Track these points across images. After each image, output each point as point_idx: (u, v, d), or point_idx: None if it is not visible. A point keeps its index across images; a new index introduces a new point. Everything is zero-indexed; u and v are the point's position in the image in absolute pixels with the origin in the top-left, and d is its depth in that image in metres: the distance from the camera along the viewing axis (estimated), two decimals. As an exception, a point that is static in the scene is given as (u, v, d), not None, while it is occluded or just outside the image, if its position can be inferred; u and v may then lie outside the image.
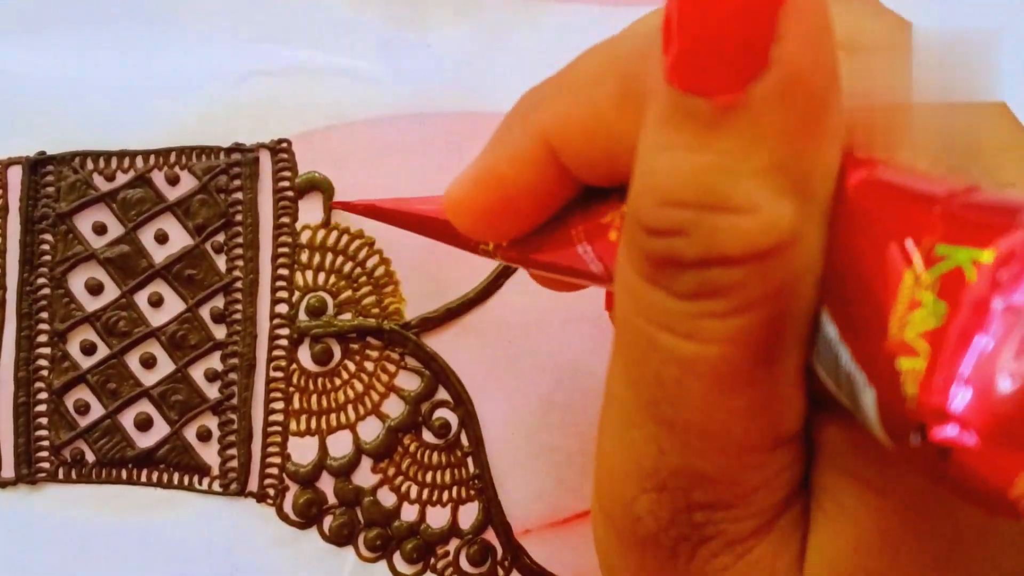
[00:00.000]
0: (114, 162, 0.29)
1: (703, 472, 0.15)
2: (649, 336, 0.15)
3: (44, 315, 0.28)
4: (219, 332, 0.28)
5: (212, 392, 0.28)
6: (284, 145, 0.29)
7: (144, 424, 0.28)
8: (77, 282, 0.28)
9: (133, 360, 0.28)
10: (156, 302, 0.28)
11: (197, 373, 0.28)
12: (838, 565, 0.15)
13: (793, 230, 0.14)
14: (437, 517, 0.28)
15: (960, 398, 0.11)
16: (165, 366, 0.28)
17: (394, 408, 0.29)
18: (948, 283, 0.12)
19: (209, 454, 0.28)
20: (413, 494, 0.28)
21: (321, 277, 0.29)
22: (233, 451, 0.28)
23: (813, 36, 0.13)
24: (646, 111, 0.15)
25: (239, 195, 0.29)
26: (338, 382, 0.29)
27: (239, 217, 0.29)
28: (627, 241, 0.15)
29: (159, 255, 0.29)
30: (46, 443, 0.28)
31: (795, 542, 0.16)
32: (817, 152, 0.14)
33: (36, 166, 0.29)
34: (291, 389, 0.28)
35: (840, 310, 0.14)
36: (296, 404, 0.28)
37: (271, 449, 0.28)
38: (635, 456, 0.16)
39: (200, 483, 0.28)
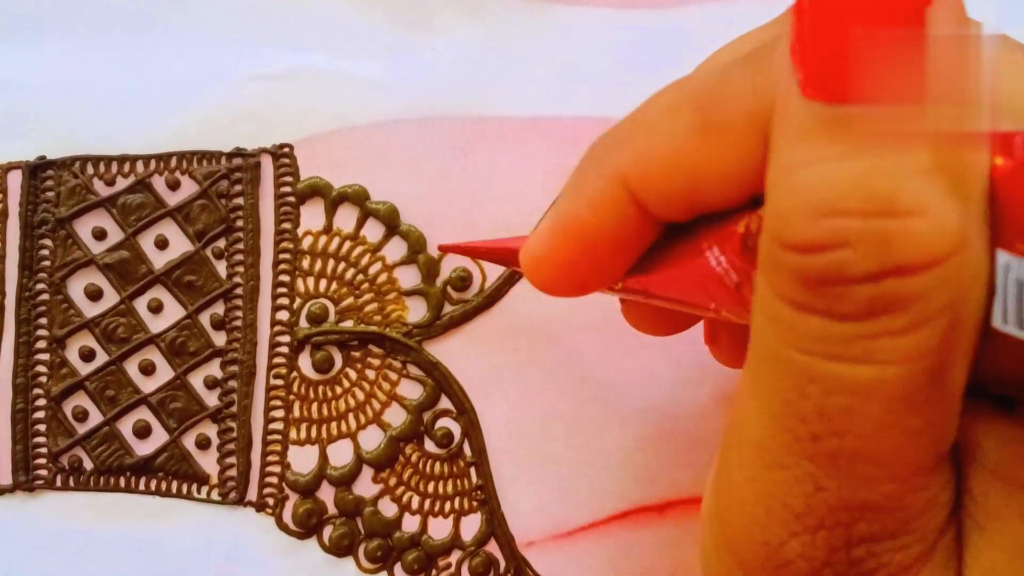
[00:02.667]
0: (114, 167, 0.28)
1: (869, 502, 0.15)
2: (807, 368, 0.14)
3: (43, 321, 0.28)
4: (219, 339, 0.28)
5: (211, 400, 0.28)
6: (286, 150, 0.29)
7: (143, 432, 0.28)
8: (76, 288, 0.28)
9: (132, 367, 0.28)
10: (156, 308, 0.28)
11: (196, 380, 0.28)
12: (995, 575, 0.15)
13: (963, 231, 0.13)
14: (439, 528, 0.28)
15: None
16: (164, 373, 0.28)
17: (396, 417, 0.28)
18: None
19: (208, 462, 0.28)
20: (415, 505, 0.28)
21: (323, 283, 0.28)
22: (232, 460, 0.28)
23: (957, 26, 0.13)
24: (774, 133, 0.14)
25: (240, 200, 0.28)
26: (339, 390, 0.28)
27: (240, 223, 0.28)
28: (770, 267, 0.14)
29: (159, 261, 0.28)
30: (44, 450, 0.28)
31: (955, 562, 0.15)
32: (971, 148, 0.13)
33: (36, 170, 0.28)
34: (291, 397, 0.28)
35: None
36: (296, 412, 0.28)
37: (271, 458, 0.28)
38: (782, 498, 0.15)
39: (199, 492, 0.28)
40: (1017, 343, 0.14)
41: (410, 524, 0.28)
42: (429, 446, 0.28)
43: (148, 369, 0.28)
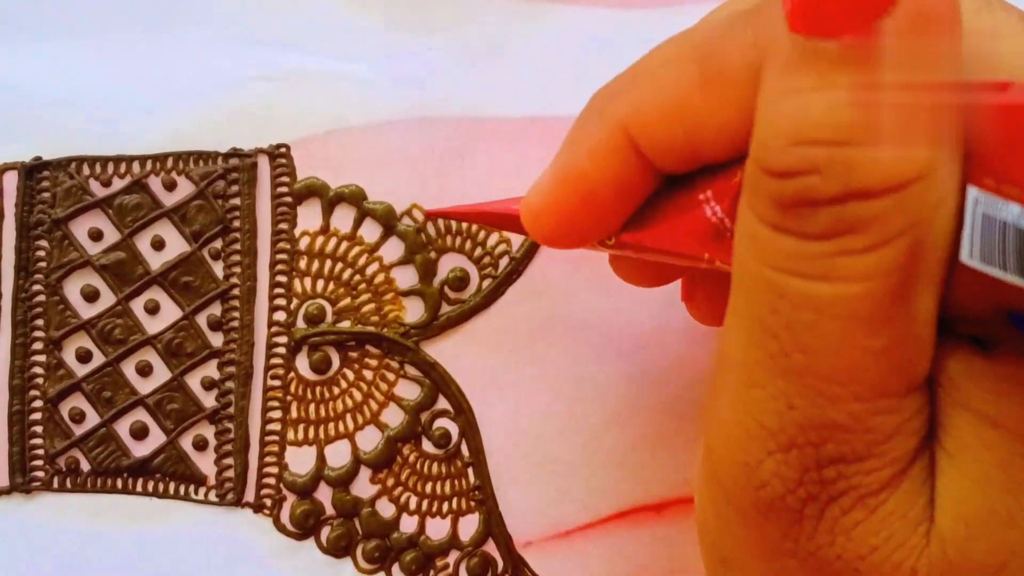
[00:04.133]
0: (110, 167, 0.28)
1: (836, 422, 0.15)
2: (778, 284, 0.15)
3: (39, 322, 0.28)
4: (216, 340, 0.28)
5: (209, 401, 0.28)
6: (283, 150, 0.29)
7: (140, 433, 0.28)
8: (73, 289, 0.28)
9: (129, 368, 0.28)
10: (152, 309, 0.28)
11: (194, 381, 0.28)
12: (964, 504, 0.15)
13: (928, 160, 0.14)
14: (437, 529, 0.28)
15: None
16: (161, 374, 0.28)
17: (393, 417, 0.28)
18: None
19: (205, 464, 0.28)
20: (412, 505, 0.28)
21: (320, 284, 0.28)
22: (230, 461, 0.28)
23: None
24: (765, 63, 0.15)
25: (237, 201, 0.28)
26: (336, 391, 0.28)
27: (237, 223, 0.28)
28: (751, 190, 0.15)
29: (155, 262, 0.28)
30: (41, 452, 0.28)
31: (927, 489, 0.16)
32: (947, 80, 0.14)
33: (32, 171, 0.28)
34: (289, 398, 0.28)
35: None
36: (294, 413, 0.28)
37: (268, 459, 0.28)
38: (758, 417, 0.16)
39: (196, 493, 0.28)
40: (982, 278, 0.14)
41: (408, 524, 0.28)
42: (427, 446, 0.28)
43: (145, 370, 0.28)
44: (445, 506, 0.28)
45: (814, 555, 0.16)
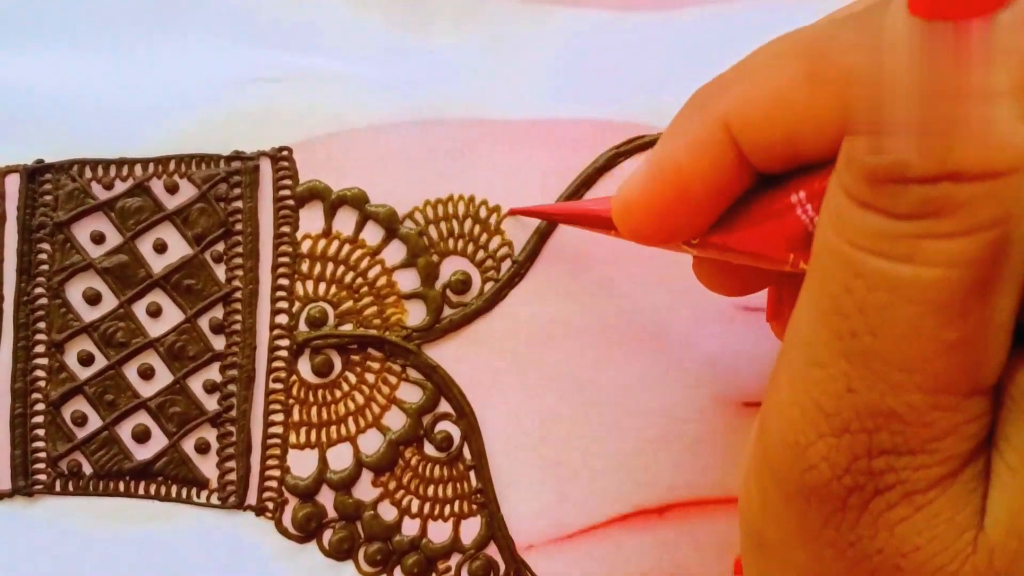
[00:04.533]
0: (112, 170, 0.28)
1: (894, 411, 0.15)
2: (856, 261, 0.15)
3: (41, 325, 0.28)
4: (218, 343, 0.28)
5: (211, 404, 0.28)
6: (285, 153, 0.29)
7: (142, 436, 0.28)
8: (75, 292, 0.28)
9: (131, 371, 0.28)
10: (154, 312, 0.28)
11: (196, 385, 0.28)
12: (1018, 519, 0.15)
13: None
14: (439, 532, 0.28)
15: None
16: (163, 377, 0.28)
17: (395, 421, 0.28)
18: None
19: (208, 467, 0.28)
20: (414, 508, 0.28)
21: (322, 287, 0.28)
22: (232, 464, 0.28)
23: None
24: (878, 45, 0.15)
25: (239, 204, 0.28)
26: (338, 394, 0.28)
27: (239, 226, 0.28)
28: (843, 165, 0.15)
29: (158, 265, 0.28)
30: (43, 455, 0.28)
31: (977, 497, 0.15)
32: None
33: (34, 174, 0.28)
34: (291, 401, 0.28)
35: None
36: (296, 416, 0.28)
37: (270, 462, 0.28)
38: (816, 397, 0.16)
39: (198, 496, 0.28)
40: None
41: (410, 528, 0.28)
42: (429, 449, 0.28)
43: (147, 373, 0.28)
44: (447, 509, 0.28)
45: (854, 546, 0.16)
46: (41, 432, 0.28)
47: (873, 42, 0.15)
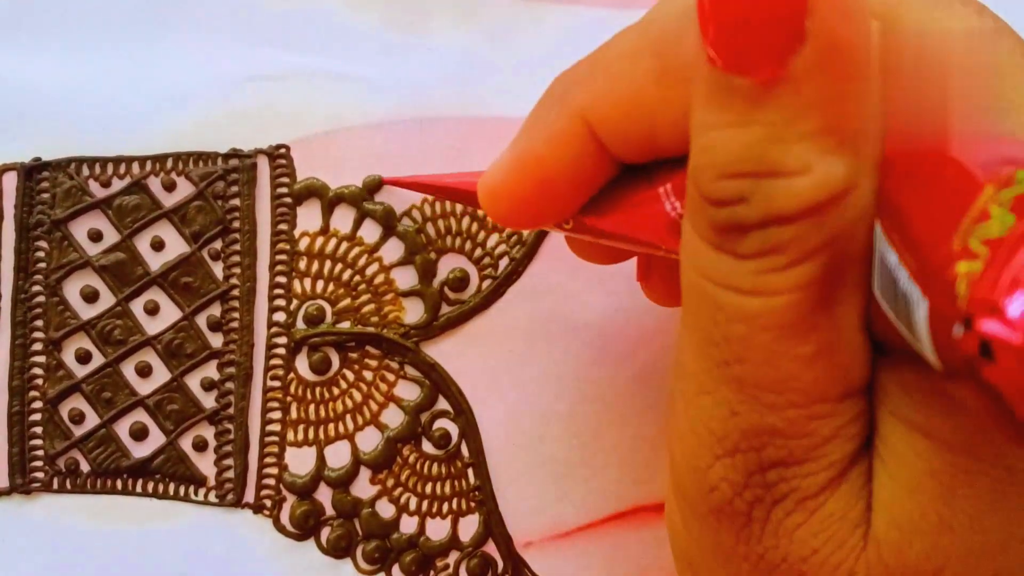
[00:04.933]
0: (110, 168, 0.28)
1: (775, 427, 0.16)
2: (716, 298, 0.16)
3: (39, 323, 0.28)
4: (216, 341, 0.28)
5: (208, 402, 0.28)
6: (282, 151, 0.29)
7: (139, 434, 0.28)
8: (72, 290, 0.28)
9: (128, 369, 0.28)
10: (152, 310, 0.28)
11: (193, 382, 0.28)
12: (896, 509, 0.16)
13: (846, 182, 0.15)
14: (437, 529, 0.28)
15: (1012, 299, 0.11)
16: (161, 375, 0.28)
17: (393, 418, 0.28)
18: (1021, 202, 0.12)
19: (205, 464, 0.28)
20: (412, 506, 0.28)
21: (319, 285, 0.28)
22: (229, 461, 0.28)
23: (844, 5, 0.14)
24: (692, 92, 0.16)
25: (236, 201, 0.28)
26: (336, 392, 0.28)
27: (236, 224, 0.28)
28: (691, 212, 0.16)
29: (155, 262, 0.28)
30: (40, 452, 0.28)
31: (865, 493, 0.16)
32: (861, 109, 0.15)
33: (31, 172, 0.28)
34: (289, 399, 0.28)
35: (900, 232, 0.14)
36: (294, 414, 0.28)
37: (268, 460, 0.28)
38: (707, 422, 0.17)
39: (196, 494, 0.28)
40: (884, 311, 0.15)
41: (408, 525, 0.28)
42: (427, 447, 0.28)
43: (145, 371, 0.28)
44: (445, 507, 0.28)
45: (763, 558, 0.17)
46: (39, 430, 0.28)
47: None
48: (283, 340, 0.28)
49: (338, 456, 0.28)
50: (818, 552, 0.16)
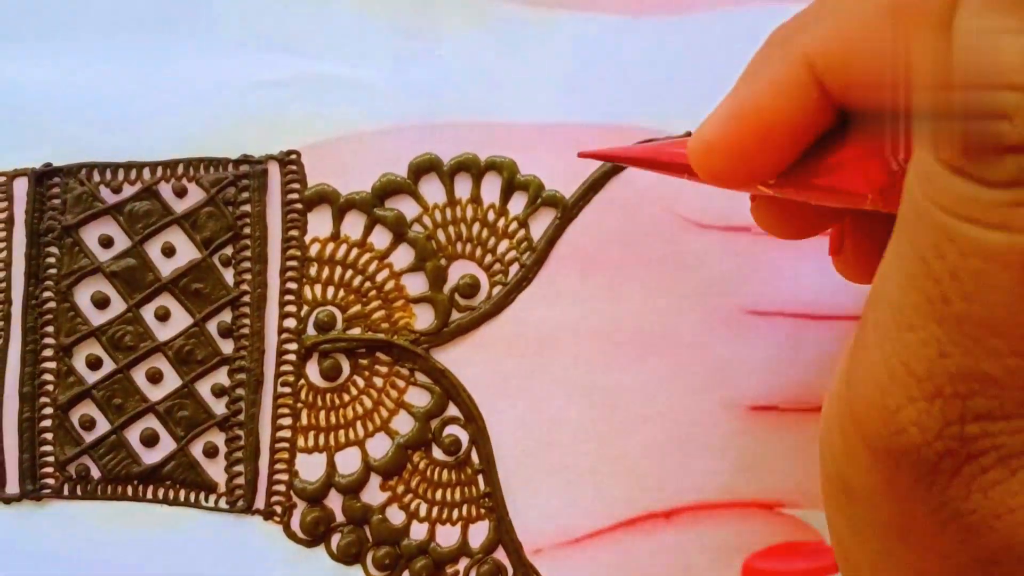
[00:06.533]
0: (121, 174, 0.28)
1: (990, 375, 0.15)
2: (948, 227, 0.15)
3: (50, 329, 0.28)
4: (226, 347, 0.28)
5: (219, 408, 0.28)
6: (293, 156, 0.29)
7: (150, 440, 0.28)
8: (83, 296, 0.28)
9: (139, 375, 0.28)
10: (163, 316, 0.28)
11: (204, 389, 0.28)
12: None
13: None
14: (447, 536, 0.28)
15: None
16: (171, 381, 0.28)
17: (403, 425, 0.28)
18: None
19: (216, 471, 0.28)
20: (422, 512, 0.28)
21: (330, 291, 0.28)
22: (240, 468, 0.28)
23: None
24: (960, 1, 0.14)
25: (247, 207, 0.28)
26: (347, 398, 0.28)
27: (247, 230, 0.28)
28: (933, 129, 0.15)
29: (166, 268, 0.28)
30: (51, 459, 0.28)
31: None
32: None
33: (42, 178, 0.28)
34: (299, 405, 0.28)
35: None
36: (304, 420, 0.28)
37: (278, 466, 0.28)
38: (906, 360, 0.15)
39: (207, 500, 0.28)
40: None
41: (418, 532, 0.28)
42: (437, 453, 0.28)
43: (155, 377, 0.28)
44: (455, 513, 0.28)
45: (946, 506, 0.16)
46: (49, 436, 0.28)
47: None
48: (294, 346, 0.28)
49: (348, 462, 0.28)
50: (1015, 512, 0.15)
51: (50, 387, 0.28)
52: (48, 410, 0.28)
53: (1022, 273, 0.14)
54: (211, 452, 0.28)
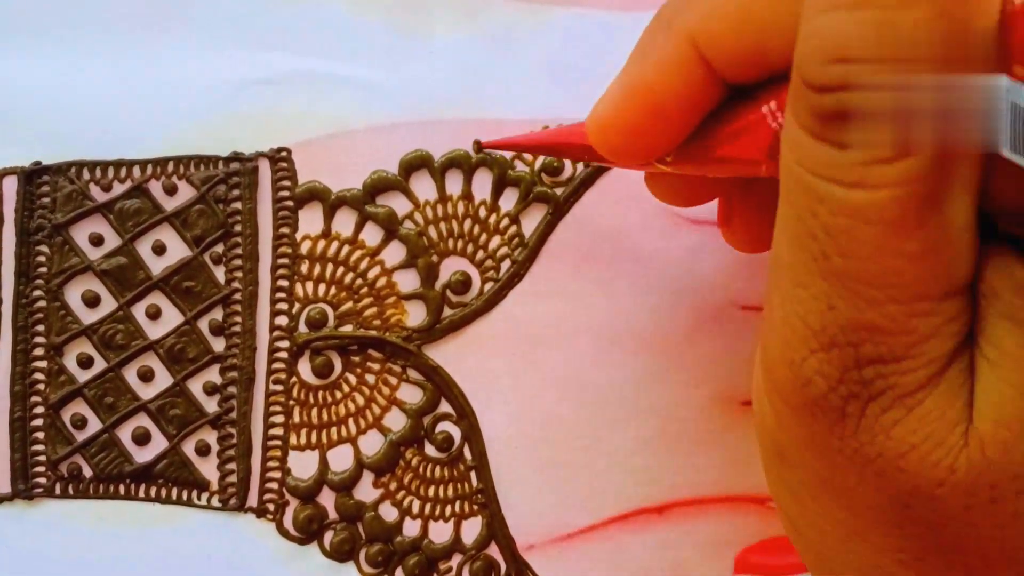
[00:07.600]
0: (111, 172, 0.28)
1: (874, 323, 0.16)
2: (816, 190, 0.16)
3: (40, 328, 0.28)
4: (218, 345, 0.28)
5: (211, 406, 0.28)
6: (284, 154, 0.28)
7: (142, 439, 0.28)
8: (74, 294, 0.28)
9: (131, 374, 0.28)
10: (154, 315, 0.28)
11: (196, 387, 0.28)
12: (1003, 409, 0.16)
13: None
14: (440, 532, 0.28)
15: None
16: (163, 380, 0.28)
17: (396, 422, 0.28)
18: None
19: (208, 469, 0.28)
20: (415, 509, 0.28)
21: (321, 288, 0.28)
22: (232, 466, 0.28)
23: None
24: None
25: (238, 205, 0.28)
26: (339, 395, 0.28)
27: (238, 227, 0.28)
28: (794, 100, 0.16)
29: (157, 267, 0.28)
30: (43, 458, 0.28)
31: (964, 392, 0.16)
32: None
33: (32, 176, 0.28)
34: (291, 403, 0.28)
35: None
36: (296, 418, 0.28)
37: (271, 464, 0.28)
38: (803, 316, 0.16)
39: (199, 498, 0.28)
40: (1021, 171, 0.15)
41: (411, 528, 0.28)
42: (429, 450, 0.28)
43: (147, 376, 0.28)
44: (448, 510, 0.28)
45: (858, 452, 0.17)
46: (41, 435, 0.28)
47: None
48: (285, 344, 0.28)
49: (341, 460, 0.28)
50: (916, 448, 0.16)
51: (41, 386, 0.28)
52: (39, 409, 0.28)
53: (883, 227, 0.15)
54: (203, 450, 0.28)
